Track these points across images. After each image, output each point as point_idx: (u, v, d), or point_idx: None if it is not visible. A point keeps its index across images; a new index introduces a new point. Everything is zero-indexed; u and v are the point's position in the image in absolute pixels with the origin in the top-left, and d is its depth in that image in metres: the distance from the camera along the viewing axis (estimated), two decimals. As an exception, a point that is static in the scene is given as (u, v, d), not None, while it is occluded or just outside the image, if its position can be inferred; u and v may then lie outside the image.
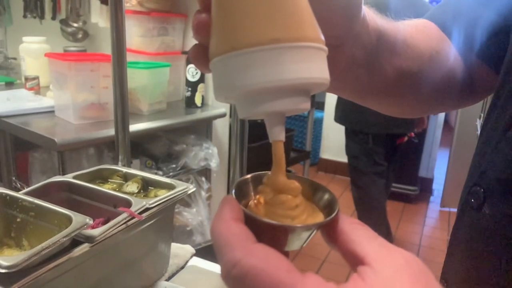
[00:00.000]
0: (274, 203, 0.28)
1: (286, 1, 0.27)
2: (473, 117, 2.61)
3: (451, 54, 0.49)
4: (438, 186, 3.47)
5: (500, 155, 0.39)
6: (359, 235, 0.26)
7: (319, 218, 0.29)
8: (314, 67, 0.27)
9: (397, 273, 0.23)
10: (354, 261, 0.25)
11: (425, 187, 3.43)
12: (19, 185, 1.60)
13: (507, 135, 0.38)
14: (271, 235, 0.26)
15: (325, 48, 0.28)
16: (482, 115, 2.37)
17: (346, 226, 0.27)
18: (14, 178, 1.63)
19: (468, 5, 0.50)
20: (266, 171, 0.31)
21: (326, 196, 0.30)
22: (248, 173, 0.32)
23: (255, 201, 0.30)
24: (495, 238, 0.38)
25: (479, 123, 2.34)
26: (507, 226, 0.37)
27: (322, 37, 0.28)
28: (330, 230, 0.27)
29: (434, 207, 3.30)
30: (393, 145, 2.36)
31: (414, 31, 0.48)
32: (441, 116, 3.34)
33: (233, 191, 0.29)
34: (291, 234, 0.27)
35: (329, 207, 0.29)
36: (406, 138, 2.37)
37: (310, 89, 0.29)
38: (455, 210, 3.14)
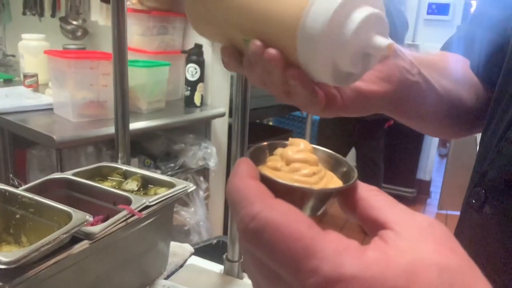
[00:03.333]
0: (291, 170, 0.28)
1: None
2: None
3: (476, 80, 0.53)
4: (435, 188, 3.47)
5: (500, 155, 0.39)
6: (379, 200, 0.26)
7: (338, 185, 0.28)
8: None
9: (420, 236, 0.22)
10: (375, 228, 0.24)
11: (423, 189, 3.43)
12: (16, 183, 1.59)
13: (507, 135, 0.39)
14: (287, 199, 0.25)
15: None
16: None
17: (365, 193, 0.26)
18: (11, 176, 1.62)
19: (470, 28, 0.54)
20: (283, 141, 0.31)
21: (345, 167, 0.30)
22: None
23: (270, 167, 0.29)
24: (496, 237, 0.38)
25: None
26: (508, 224, 0.37)
27: None
28: (348, 198, 0.27)
29: (431, 209, 3.31)
30: (382, 129, 2.63)
31: (445, 59, 0.53)
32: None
33: (248, 155, 0.28)
34: (308, 199, 0.26)
35: (347, 177, 0.29)
36: (392, 121, 2.57)
37: None
38: (452, 212, 3.15)
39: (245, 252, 0.25)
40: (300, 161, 0.28)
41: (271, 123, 3.32)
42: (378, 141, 2.74)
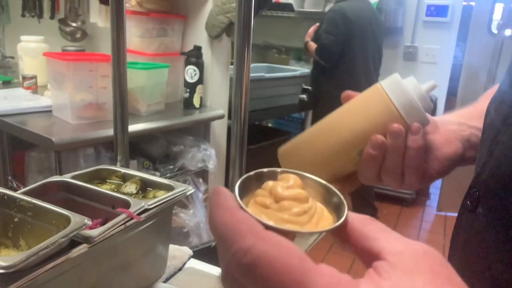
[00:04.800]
0: (280, 208, 0.28)
1: None
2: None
3: None
4: (435, 190, 3.47)
5: (491, 157, 0.41)
6: (372, 230, 0.25)
7: (328, 222, 0.28)
8: None
9: (415, 266, 0.22)
10: (369, 259, 0.24)
11: (422, 191, 3.43)
12: (15, 185, 1.59)
13: (497, 139, 0.41)
14: None
15: None
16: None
17: (357, 223, 0.26)
18: (10, 178, 1.62)
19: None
20: (272, 168, 0.31)
21: (336, 198, 0.30)
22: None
23: (259, 203, 0.29)
24: (488, 236, 0.39)
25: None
26: (499, 224, 0.38)
27: None
28: (341, 231, 0.26)
29: (430, 211, 3.31)
30: None
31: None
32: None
33: (236, 189, 0.28)
34: (297, 239, 0.26)
35: (338, 209, 0.29)
36: None
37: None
38: (451, 214, 3.16)
39: (234, 286, 0.25)
40: (290, 198, 0.28)
41: (270, 125, 3.32)
42: None
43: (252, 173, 0.31)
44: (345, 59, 2.57)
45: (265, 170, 0.31)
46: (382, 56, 2.73)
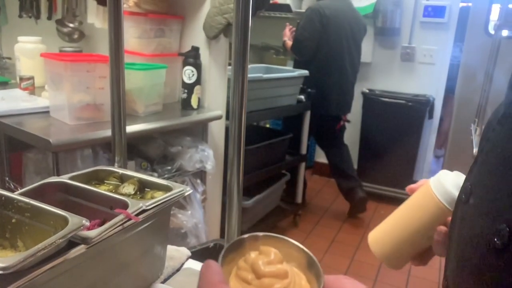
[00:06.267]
0: (261, 285, 0.29)
1: None
2: (468, 121, 2.63)
3: None
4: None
5: (482, 153, 0.43)
6: None
7: None
8: None
9: None
10: None
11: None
12: (12, 186, 1.59)
13: (487, 136, 0.43)
14: None
15: None
16: (476, 120, 2.39)
17: (335, 285, 0.28)
18: (7, 179, 1.61)
19: None
20: (254, 233, 0.32)
21: (315, 267, 0.32)
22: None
23: (241, 278, 0.30)
24: (477, 225, 0.41)
25: (473, 128, 2.36)
26: (486, 213, 0.39)
27: None
28: None
29: (428, 211, 3.31)
30: (333, 129, 2.91)
31: None
32: (436, 121, 3.36)
33: (221, 258, 0.30)
34: None
35: (317, 277, 0.31)
36: (342, 123, 2.90)
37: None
38: (449, 214, 3.14)
39: None
40: (271, 275, 0.29)
41: (268, 125, 3.32)
42: (332, 139, 2.95)
43: (233, 241, 0.32)
44: (320, 55, 2.70)
45: (245, 236, 0.33)
46: (361, 55, 2.88)
